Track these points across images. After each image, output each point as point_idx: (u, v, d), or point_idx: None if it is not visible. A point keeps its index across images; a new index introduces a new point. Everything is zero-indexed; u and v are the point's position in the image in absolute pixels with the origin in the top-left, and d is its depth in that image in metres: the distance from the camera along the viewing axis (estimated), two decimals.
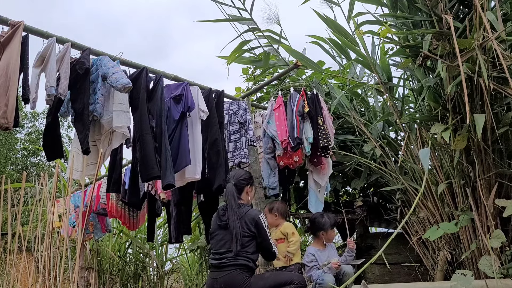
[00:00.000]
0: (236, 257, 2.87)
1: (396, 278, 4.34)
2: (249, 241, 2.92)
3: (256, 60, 5.26)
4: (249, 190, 3.21)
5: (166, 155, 3.23)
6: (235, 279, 2.86)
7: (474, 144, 3.21)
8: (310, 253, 3.52)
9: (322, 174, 4.19)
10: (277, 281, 2.89)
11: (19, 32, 2.82)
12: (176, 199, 4.42)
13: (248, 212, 3.00)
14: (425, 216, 3.70)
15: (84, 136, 3.05)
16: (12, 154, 14.78)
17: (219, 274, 2.90)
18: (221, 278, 2.88)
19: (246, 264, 2.88)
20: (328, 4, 4.40)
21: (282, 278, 2.93)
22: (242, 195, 3.14)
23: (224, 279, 2.88)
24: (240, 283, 2.83)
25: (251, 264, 2.91)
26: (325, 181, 4.20)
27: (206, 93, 3.81)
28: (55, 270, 3.48)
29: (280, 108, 4.12)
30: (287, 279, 2.90)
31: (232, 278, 2.87)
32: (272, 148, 4.12)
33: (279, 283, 2.88)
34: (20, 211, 4.01)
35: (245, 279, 2.85)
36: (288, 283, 2.86)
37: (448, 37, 3.15)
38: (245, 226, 2.93)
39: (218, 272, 2.92)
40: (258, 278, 2.93)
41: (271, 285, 2.87)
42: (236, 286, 2.84)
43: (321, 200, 4.23)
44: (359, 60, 4.41)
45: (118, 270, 6.92)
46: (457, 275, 2.61)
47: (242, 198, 3.14)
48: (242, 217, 2.96)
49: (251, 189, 3.24)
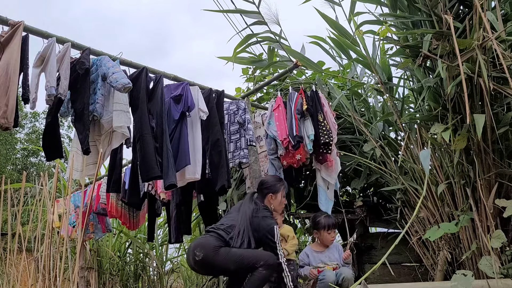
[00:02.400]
0: (227, 233, 2.89)
1: (396, 278, 4.34)
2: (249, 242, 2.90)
3: (256, 60, 5.25)
4: (272, 198, 3.18)
5: (167, 155, 3.23)
6: (208, 241, 2.85)
7: (474, 144, 3.20)
8: (305, 252, 3.52)
9: (330, 171, 4.16)
10: (242, 264, 2.79)
11: (19, 32, 2.82)
12: (176, 199, 4.42)
13: (261, 217, 2.95)
14: (425, 216, 3.70)
15: (84, 136, 3.05)
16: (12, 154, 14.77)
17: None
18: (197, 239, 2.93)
19: (226, 241, 2.86)
20: (329, 4, 4.40)
21: (247, 260, 2.79)
22: (265, 202, 3.16)
23: (199, 240, 2.93)
24: (210, 246, 2.81)
25: (232, 244, 2.86)
26: (334, 178, 4.16)
27: (206, 93, 3.81)
28: (55, 270, 3.48)
29: (279, 108, 4.12)
30: (252, 261, 2.78)
31: (205, 240, 2.88)
32: (275, 149, 4.13)
33: (244, 266, 2.79)
34: (20, 211, 4.00)
35: (216, 247, 2.82)
36: (253, 265, 2.75)
37: (448, 37, 3.15)
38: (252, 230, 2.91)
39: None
40: (226, 252, 2.83)
41: (235, 268, 2.79)
42: (205, 247, 2.81)
43: (331, 198, 4.21)
44: (359, 60, 4.41)
45: (118, 270, 6.92)
46: (457, 275, 2.61)
47: (265, 203, 3.15)
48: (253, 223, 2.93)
49: (275, 196, 3.19)
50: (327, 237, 3.47)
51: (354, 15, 4.21)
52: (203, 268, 2.93)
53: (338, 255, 3.47)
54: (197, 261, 2.80)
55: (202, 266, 2.88)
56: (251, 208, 3.01)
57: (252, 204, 3.06)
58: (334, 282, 3.13)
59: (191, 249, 2.88)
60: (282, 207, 3.27)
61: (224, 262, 2.79)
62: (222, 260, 2.78)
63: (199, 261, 2.80)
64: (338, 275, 3.21)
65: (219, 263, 2.79)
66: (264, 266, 2.74)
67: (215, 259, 2.78)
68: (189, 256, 2.87)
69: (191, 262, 2.87)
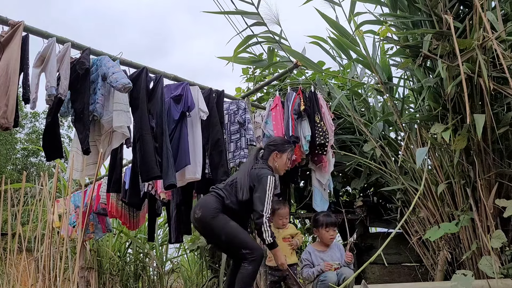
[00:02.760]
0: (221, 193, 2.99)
1: (396, 278, 4.34)
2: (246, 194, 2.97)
3: (256, 60, 5.25)
4: (276, 157, 3.21)
5: (167, 155, 3.23)
6: (207, 202, 2.96)
7: (474, 144, 3.20)
8: (307, 250, 3.54)
9: (324, 172, 4.19)
10: (232, 242, 2.88)
11: (19, 32, 2.82)
12: (176, 199, 4.42)
13: (259, 168, 3.05)
14: (425, 216, 3.70)
15: (85, 136, 3.06)
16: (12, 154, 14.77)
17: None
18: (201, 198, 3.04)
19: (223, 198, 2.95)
20: (329, 4, 4.40)
21: (237, 241, 2.86)
22: (269, 160, 3.20)
23: (201, 200, 3.07)
24: (209, 207, 2.91)
25: (228, 201, 2.94)
26: (326, 178, 4.19)
27: (206, 93, 3.82)
28: (55, 270, 3.48)
29: (277, 107, 4.13)
30: (241, 245, 2.84)
31: (205, 200, 3.01)
32: None
33: (232, 245, 2.90)
34: (20, 211, 4.00)
35: (214, 209, 2.90)
36: (240, 249, 2.83)
37: (448, 37, 3.15)
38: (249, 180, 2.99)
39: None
40: (224, 221, 2.90)
41: (226, 241, 2.89)
42: (204, 207, 2.93)
43: (326, 198, 4.22)
44: (359, 60, 4.41)
45: (118, 270, 6.92)
46: (457, 275, 2.61)
47: (269, 162, 3.20)
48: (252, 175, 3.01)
49: (280, 155, 3.22)
50: (325, 235, 3.49)
51: (354, 15, 4.21)
52: (202, 228, 3.00)
53: (340, 255, 3.48)
54: (196, 219, 2.94)
55: (201, 225, 2.97)
56: (252, 161, 3.13)
57: (254, 159, 3.16)
58: (335, 283, 3.13)
59: (194, 207, 3.03)
60: (285, 169, 3.30)
61: (219, 230, 2.88)
62: (217, 227, 2.88)
63: (197, 219, 2.93)
64: (339, 275, 3.21)
65: (215, 227, 2.89)
66: (249, 259, 2.80)
67: (212, 223, 2.89)
68: (192, 213, 3.01)
69: (192, 219, 3.03)
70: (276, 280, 3.63)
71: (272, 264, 3.49)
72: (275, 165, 3.21)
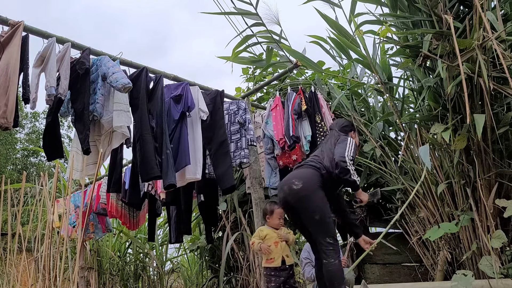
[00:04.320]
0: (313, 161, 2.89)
1: (396, 278, 4.34)
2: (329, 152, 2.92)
3: (256, 60, 5.25)
4: (354, 136, 3.17)
5: (167, 155, 3.23)
6: (307, 173, 2.81)
7: (474, 144, 3.20)
8: (305, 249, 3.54)
9: None
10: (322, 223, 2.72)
11: (19, 32, 2.82)
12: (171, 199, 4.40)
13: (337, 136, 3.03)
14: (425, 216, 3.70)
15: (85, 136, 3.06)
16: (12, 154, 14.77)
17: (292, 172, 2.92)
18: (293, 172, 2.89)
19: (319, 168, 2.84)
20: (329, 5, 4.40)
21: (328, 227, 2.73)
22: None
23: (296, 172, 2.87)
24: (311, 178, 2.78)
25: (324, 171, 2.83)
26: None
27: (212, 95, 3.83)
28: (55, 270, 3.48)
29: (277, 108, 4.13)
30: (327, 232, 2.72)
31: (304, 172, 2.84)
32: (272, 148, 4.14)
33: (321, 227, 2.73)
34: (20, 211, 4.00)
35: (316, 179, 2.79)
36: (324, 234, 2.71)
37: (448, 37, 3.15)
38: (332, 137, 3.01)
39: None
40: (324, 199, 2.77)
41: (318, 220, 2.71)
42: (306, 178, 2.78)
43: None
44: (359, 60, 4.41)
45: (118, 270, 6.92)
46: (457, 275, 2.61)
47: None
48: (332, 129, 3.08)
49: (355, 135, 3.21)
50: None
51: (354, 16, 4.21)
52: (297, 201, 2.78)
53: None
54: (293, 190, 2.74)
55: (296, 198, 2.76)
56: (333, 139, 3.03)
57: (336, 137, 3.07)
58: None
59: (288, 179, 2.84)
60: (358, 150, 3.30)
61: (315, 207, 2.72)
62: (316, 202, 2.73)
63: (295, 191, 2.74)
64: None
65: (313, 202, 2.73)
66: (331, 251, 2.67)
67: (312, 197, 2.73)
68: (285, 185, 2.81)
69: (285, 192, 2.80)
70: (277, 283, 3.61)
71: (274, 265, 3.49)
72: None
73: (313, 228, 2.81)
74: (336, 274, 2.66)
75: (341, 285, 2.67)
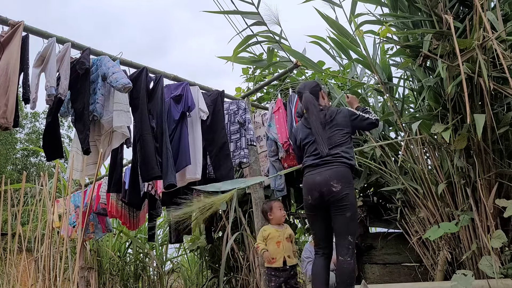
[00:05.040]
0: (340, 156, 2.81)
1: (396, 278, 4.34)
2: (347, 138, 2.90)
3: (256, 60, 5.26)
4: (324, 95, 3.19)
5: (167, 155, 3.23)
6: (342, 172, 2.77)
7: (474, 144, 3.20)
8: (307, 248, 3.55)
9: None
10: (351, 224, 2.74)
11: (19, 32, 2.82)
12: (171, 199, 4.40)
13: (338, 110, 2.99)
14: (425, 216, 3.70)
15: (85, 136, 3.06)
16: (12, 154, 14.77)
17: (321, 169, 2.79)
18: (327, 172, 2.77)
19: (349, 162, 2.82)
20: (329, 5, 4.40)
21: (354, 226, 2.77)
22: (319, 101, 3.12)
23: (331, 172, 2.76)
24: (347, 177, 2.77)
25: (353, 161, 2.86)
26: None
27: (214, 96, 3.83)
28: (55, 270, 3.48)
29: (280, 110, 4.13)
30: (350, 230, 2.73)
31: (340, 171, 2.77)
32: (276, 151, 4.14)
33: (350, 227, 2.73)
34: (20, 211, 4.00)
35: (351, 177, 2.80)
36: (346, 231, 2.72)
37: (448, 37, 3.15)
38: (339, 125, 2.91)
39: (320, 168, 2.81)
40: (354, 195, 2.84)
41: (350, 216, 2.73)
42: (344, 178, 2.75)
43: None
44: (359, 60, 4.41)
45: (118, 270, 6.92)
46: (457, 275, 2.61)
47: (320, 103, 3.11)
48: (333, 119, 2.93)
49: (325, 94, 3.22)
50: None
51: (354, 16, 4.21)
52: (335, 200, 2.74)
53: None
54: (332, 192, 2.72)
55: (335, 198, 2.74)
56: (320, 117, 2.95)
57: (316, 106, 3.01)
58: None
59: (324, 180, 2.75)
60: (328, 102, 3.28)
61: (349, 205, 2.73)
62: (351, 200, 2.74)
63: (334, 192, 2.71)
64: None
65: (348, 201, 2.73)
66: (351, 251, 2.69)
67: (349, 197, 2.73)
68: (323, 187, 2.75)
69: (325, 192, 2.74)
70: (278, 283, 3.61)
71: (276, 265, 3.50)
72: (325, 102, 3.17)
73: (341, 225, 2.78)
74: (350, 274, 2.69)
75: (353, 285, 2.70)
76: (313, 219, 2.97)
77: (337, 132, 2.89)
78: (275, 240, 3.50)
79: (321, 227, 2.91)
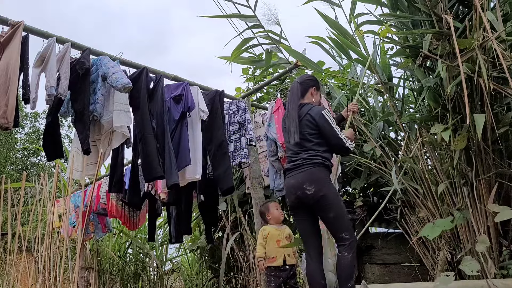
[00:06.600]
0: (311, 157, 2.76)
1: (396, 278, 4.34)
2: (317, 138, 2.80)
3: (256, 60, 5.26)
4: (314, 93, 3.03)
5: (169, 155, 3.23)
6: (315, 174, 2.74)
7: (474, 144, 3.20)
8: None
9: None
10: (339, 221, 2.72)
11: (19, 32, 2.82)
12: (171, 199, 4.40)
13: (312, 108, 2.87)
14: (425, 216, 3.70)
15: (85, 136, 3.06)
16: (12, 154, 14.77)
17: (296, 173, 2.78)
18: (299, 175, 2.75)
19: (322, 162, 2.76)
20: (329, 5, 4.41)
21: (343, 222, 2.72)
22: (306, 96, 2.99)
23: (303, 175, 2.74)
24: (321, 177, 2.73)
25: (327, 162, 2.79)
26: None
27: (211, 95, 3.83)
28: (55, 270, 3.48)
29: (279, 110, 4.13)
30: (342, 228, 2.71)
31: (312, 173, 2.74)
32: (275, 151, 4.13)
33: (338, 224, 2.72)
34: (20, 211, 4.01)
35: (325, 176, 2.76)
36: (340, 232, 2.70)
37: (448, 37, 3.15)
38: (309, 123, 2.81)
39: (294, 171, 2.80)
40: (336, 192, 2.81)
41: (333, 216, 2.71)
42: (317, 180, 2.71)
43: None
44: (359, 60, 4.41)
45: (118, 270, 6.92)
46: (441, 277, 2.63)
47: (306, 99, 2.98)
48: (305, 114, 2.83)
49: (317, 92, 3.05)
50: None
51: (354, 16, 4.21)
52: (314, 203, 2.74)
53: None
54: (307, 196, 2.70)
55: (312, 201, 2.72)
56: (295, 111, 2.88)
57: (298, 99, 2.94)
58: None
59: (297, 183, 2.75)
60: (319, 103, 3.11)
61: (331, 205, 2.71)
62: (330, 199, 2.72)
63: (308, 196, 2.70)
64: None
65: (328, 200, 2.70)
66: (346, 245, 2.67)
67: (328, 196, 2.70)
68: (297, 191, 2.75)
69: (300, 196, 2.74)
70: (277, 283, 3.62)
71: (276, 264, 3.50)
72: (312, 101, 3.01)
73: (329, 225, 2.80)
74: (346, 269, 2.66)
75: (348, 280, 2.67)
76: (296, 222, 2.99)
77: (308, 130, 2.82)
78: (275, 238, 3.50)
79: (304, 229, 2.90)
